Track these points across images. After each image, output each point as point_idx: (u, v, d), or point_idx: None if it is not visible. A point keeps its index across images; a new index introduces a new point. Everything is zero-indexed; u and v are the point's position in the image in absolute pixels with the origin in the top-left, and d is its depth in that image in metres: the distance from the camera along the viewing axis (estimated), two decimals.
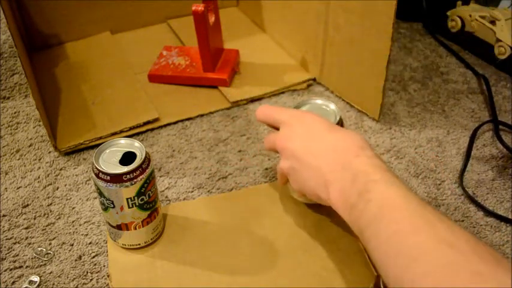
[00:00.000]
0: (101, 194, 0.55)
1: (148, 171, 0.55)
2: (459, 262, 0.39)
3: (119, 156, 0.56)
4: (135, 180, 0.54)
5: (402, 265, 0.41)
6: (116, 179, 0.53)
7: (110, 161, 0.55)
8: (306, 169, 0.53)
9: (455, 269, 0.38)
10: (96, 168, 0.54)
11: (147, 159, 0.56)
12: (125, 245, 0.60)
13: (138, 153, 0.56)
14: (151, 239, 0.61)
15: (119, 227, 0.58)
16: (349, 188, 0.48)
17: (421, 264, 0.40)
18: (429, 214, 0.43)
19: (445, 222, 0.42)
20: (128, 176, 0.54)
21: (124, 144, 0.57)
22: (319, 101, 0.61)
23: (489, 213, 0.66)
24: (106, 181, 0.54)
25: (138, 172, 0.54)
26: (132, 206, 0.56)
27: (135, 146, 0.57)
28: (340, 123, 0.59)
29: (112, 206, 0.56)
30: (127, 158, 0.56)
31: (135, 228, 0.58)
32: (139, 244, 0.60)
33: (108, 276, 0.58)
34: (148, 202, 0.57)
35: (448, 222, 0.42)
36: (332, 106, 0.60)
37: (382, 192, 0.46)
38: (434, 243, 0.41)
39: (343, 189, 0.49)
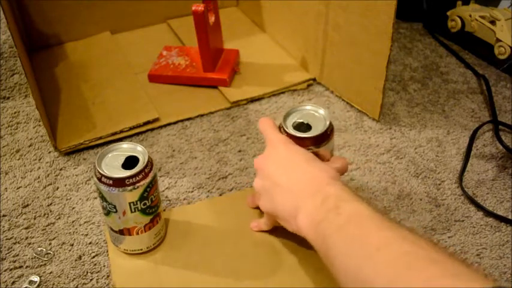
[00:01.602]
0: (103, 198, 0.55)
1: (151, 175, 0.55)
2: (419, 252, 0.41)
3: (122, 160, 0.55)
4: (137, 184, 0.54)
5: (365, 255, 0.43)
6: (119, 183, 0.53)
7: (112, 165, 0.55)
8: (279, 192, 0.54)
9: (416, 257, 0.40)
10: (99, 172, 0.54)
11: (149, 164, 0.55)
12: (127, 250, 0.60)
13: (140, 158, 0.56)
14: (153, 244, 0.60)
15: (121, 232, 0.58)
16: (317, 208, 0.49)
17: (383, 253, 0.42)
18: (394, 223, 0.46)
19: (408, 230, 0.44)
20: (131, 180, 0.53)
21: (127, 148, 0.57)
22: (308, 107, 0.60)
23: (489, 213, 0.66)
24: (109, 185, 0.53)
25: (140, 176, 0.54)
26: (135, 211, 0.56)
27: (138, 150, 0.56)
28: (331, 127, 0.58)
29: (114, 210, 0.55)
30: (129, 162, 0.55)
31: (138, 233, 0.58)
32: (141, 249, 0.60)
33: (112, 283, 0.58)
34: (151, 207, 0.57)
35: (410, 231, 0.44)
36: (321, 111, 0.60)
37: (351, 208, 0.48)
38: (396, 238, 0.43)
39: (311, 211, 0.50)
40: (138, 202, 0.55)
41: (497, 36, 0.94)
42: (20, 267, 0.60)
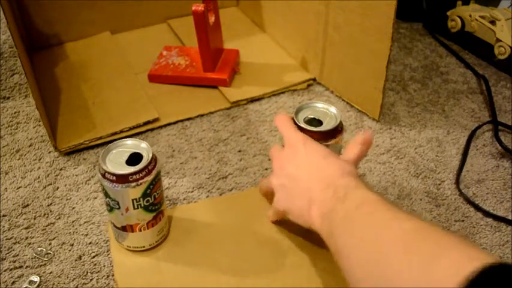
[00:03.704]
0: (106, 194, 0.55)
1: (154, 172, 0.55)
2: (426, 227, 0.42)
3: (126, 156, 0.55)
4: (141, 181, 0.54)
5: (374, 236, 0.43)
6: (122, 179, 0.53)
7: (116, 162, 0.55)
8: (297, 188, 0.54)
9: (426, 230, 0.42)
10: (103, 168, 0.54)
11: (153, 161, 0.55)
12: (130, 247, 0.60)
13: (144, 154, 0.56)
14: (156, 242, 0.60)
15: (124, 229, 0.58)
16: (328, 199, 0.50)
17: (389, 230, 0.43)
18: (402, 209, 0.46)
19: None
20: (134, 177, 0.53)
21: (131, 145, 0.57)
22: (319, 105, 0.61)
23: (488, 214, 0.66)
24: (112, 181, 0.53)
25: (144, 173, 0.54)
26: (138, 207, 0.56)
27: (142, 147, 0.57)
28: (341, 126, 0.59)
29: (117, 207, 0.55)
30: (134, 158, 0.55)
31: (140, 230, 0.58)
32: (143, 246, 0.60)
33: (114, 281, 0.58)
34: (153, 204, 0.57)
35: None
36: (332, 109, 0.60)
37: (361, 194, 0.49)
38: (407, 215, 0.44)
39: (322, 202, 0.50)
40: (141, 199, 0.55)
41: (497, 36, 0.94)
42: (20, 267, 0.60)
